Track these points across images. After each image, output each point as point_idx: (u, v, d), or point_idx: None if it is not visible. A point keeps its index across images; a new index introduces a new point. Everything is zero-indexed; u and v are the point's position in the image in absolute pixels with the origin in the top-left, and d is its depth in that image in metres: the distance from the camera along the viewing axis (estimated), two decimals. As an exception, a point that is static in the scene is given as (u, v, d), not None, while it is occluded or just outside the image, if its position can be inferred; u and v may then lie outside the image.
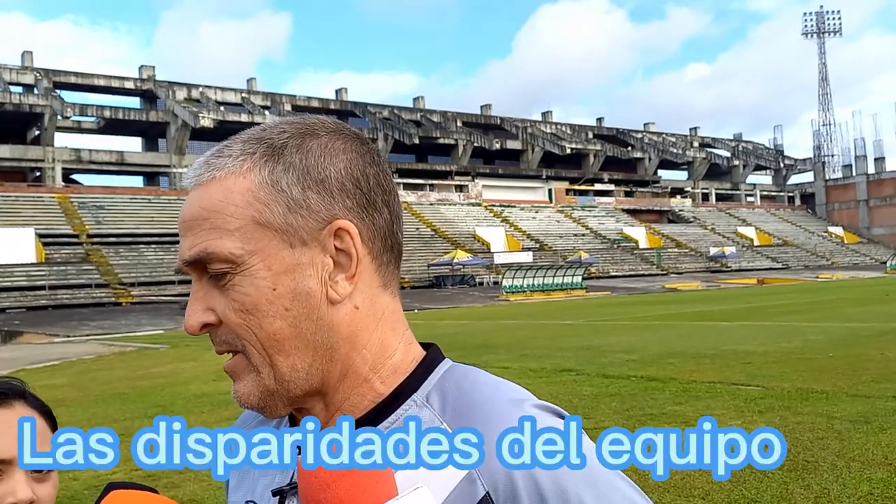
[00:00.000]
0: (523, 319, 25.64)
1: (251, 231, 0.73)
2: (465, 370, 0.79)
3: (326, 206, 0.74)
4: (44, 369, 15.74)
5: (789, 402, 8.17)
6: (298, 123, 0.78)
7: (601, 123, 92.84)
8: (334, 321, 0.74)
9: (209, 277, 0.75)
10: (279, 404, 0.76)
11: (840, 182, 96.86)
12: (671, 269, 65.55)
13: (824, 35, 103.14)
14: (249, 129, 0.80)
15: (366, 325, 0.76)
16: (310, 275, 0.74)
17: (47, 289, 41.53)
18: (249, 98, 69.11)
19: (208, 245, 0.73)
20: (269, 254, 0.73)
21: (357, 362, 0.76)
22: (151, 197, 57.62)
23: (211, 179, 0.75)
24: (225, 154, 0.76)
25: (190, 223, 0.75)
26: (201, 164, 0.77)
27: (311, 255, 0.74)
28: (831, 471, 5.53)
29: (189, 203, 0.76)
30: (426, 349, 0.83)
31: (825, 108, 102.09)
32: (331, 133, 0.78)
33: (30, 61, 60.86)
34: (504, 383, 0.77)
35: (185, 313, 0.76)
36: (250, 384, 0.75)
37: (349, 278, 0.75)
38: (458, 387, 0.76)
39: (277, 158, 0.75)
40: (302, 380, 0.75)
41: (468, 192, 74.36)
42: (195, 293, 0.76)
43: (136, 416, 9.35)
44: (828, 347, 12.92)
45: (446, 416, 0.74)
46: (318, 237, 0.74)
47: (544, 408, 0.74)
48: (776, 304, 27.27)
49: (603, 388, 9.65)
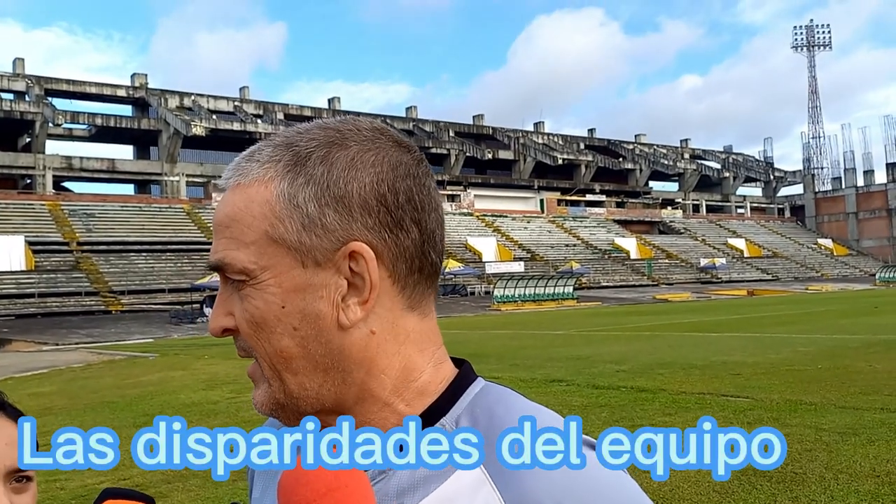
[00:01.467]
0: (514, 329, 25.64)
1: (264, 246, 0.70)
2: (498, 393, 0.75)
3: (344, 225, 0.69)
4: (32, 377, 15.65)
5: (778, 413, 8.19)
6: (331, 130, 0.73)
7: (593, 134, 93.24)
8: (345, 345, 0.71)
9: (232, 282, 0.73)
10: (291, 416, 0.74)
11: (829, 194, 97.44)
12: (662, 279, 65.73)
13: (814, 48, 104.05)
14: (288, 129, 0.75)
15: (384, 350, 0.72)
16: (321, 296, 0.70)
17: (37, 296, 41.35)
18: (242, 106, 69.12)
19: (226, 255, 0.71)
20: (281, 271, 0.70)
21: (374, 387, 0.72)
22: (142, 205, 57.47)
23: (237, 185, 0.73)
24: (255, 158, 0.73)
25: (217, 227, 0.73)
26: (233, 166, 0.75)
27: (325, 276, 0.70)
28: (819, 482, 5.55)
29: (219, 205, 0.74)
30: (459, 366, 0.78)
31: (815, 121, 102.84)
32: (363, 142, 0.72)
33: (21, 68, 60.74)
34: (539, 411, 0.73)
35: (210, 316, 0.76)
36: (263, 393, 0.74)
37: (362, 303, 0.70)
38: (490, 413, 0.72)
39: (300, 170, 0.70)
40: (312, 399, 0.72)
41: (460, 202, 74.46)
42: (220, 296, 0.75)
43: (124, 424, 9.30)
44: (817, 359, 12.97)
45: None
46: (333, 258, 0.70)
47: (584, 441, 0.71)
48: (766, 315, 27.37)
49: (593, 399, 9.66)
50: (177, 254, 50.65)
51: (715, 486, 5.57)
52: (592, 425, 8.00)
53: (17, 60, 60.79)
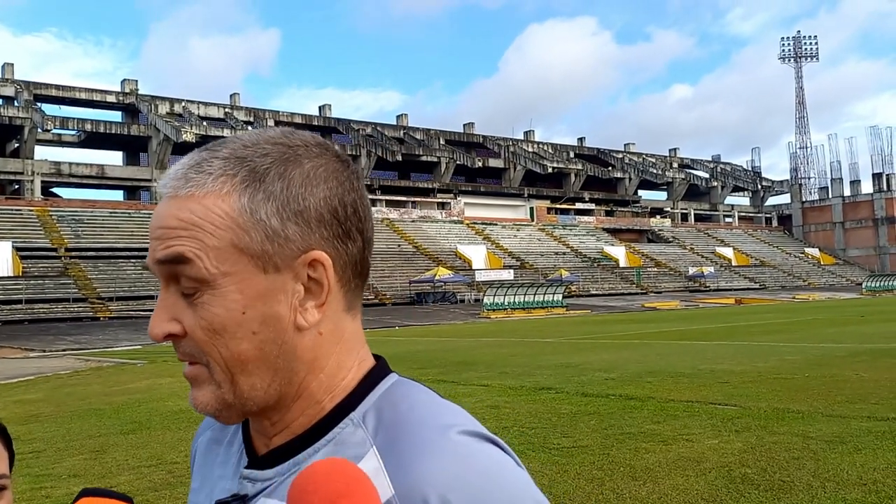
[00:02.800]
0: (504, 337, 25.64)
1: (228, 253, 0.73)
2: (406, 389, 0.80)
3: (304, 236, 0.75)
4: (19, 384, 15.53)
5: (766, 421, 8.22)
6: (282, 146, 0.77)
7: (583, 143, 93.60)
8: (298, 346, 0.76)
9: (180, 289, 0.75)
10: (234, 415, 0.78)
11: (816, 204, 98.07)
12: (650, 288, 65.92)
13: (801, 59, 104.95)
14: (229, 141, 0.78)
15: (326, 350, 0.78)
16: (280, 300, 0.75)
17: (24, 303, 41.07)
18: (232, 113, 69.03)
19: (185, 251, 0.73)
20: (243, 278, 0.74)
21: (312, 385, 0.78)
22: (132, 211, 57.24)
23: (189, 195, 0.75)
24: (205, 170, 0.75)
25: (166, 231, 0.75)
26: (179, 175, 0.76)
27: (283, 281, 0.75)
28: (807, 491, 5.57)
29: (165, 213, 0.76)
30: (378, 361, 0.84)
31: (802, 132, 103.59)
32: (314, 158, 0.77)
33: (10, 73, 60.50)
34: (440, 405, 0.77)
35: (151, 320, 0.76)
36: (209, 394, 0.77)
37: (318, 306, 0.76)
38: (393, 408, 0.77)
39: (258, 185, 0.74)
40: (259, 398, 0.76)
41: (450, 210, 74.51)
42: (163, 300, 0.76)
43: (112, 432, 9.24)
44: (804, 367, 13.03)
45: (377, 440, 0.74)
46: (292, 265, 0.75)
47: (473, 434, 0.73)
48: (753, 323, 27.48)
49: (582, 407, 9.66)
50: (165, 260, 50.41)
51: (703, 494, 5.59)
52: (581, 433, 8.01)
53: (6, 65, 60.54)
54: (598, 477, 6.17)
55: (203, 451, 0.94)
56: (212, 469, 0.89)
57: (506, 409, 9.59)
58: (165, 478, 6.69)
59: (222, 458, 0.89)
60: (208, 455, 0.92)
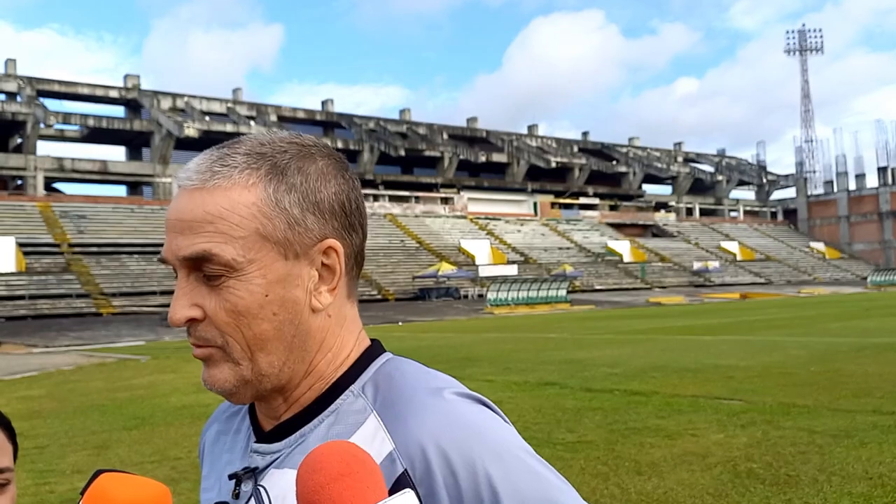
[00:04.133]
0: (507, 332, 25.62)
1: (253, 241, 0.80)
2: (398, 363, 0.88)
3: (320, 226, 0.83)
4: (22, 380, 15.54)
5: (771, 416, 8.19)
6: (298, 145, 0.86)
7: (586, 137, 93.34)
8: (312, 327, 0.84)
9: (199, 275, 0.81)
10: (248, 393, 0.84)
11: (822, 198, 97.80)
12: (655, 283, 65.82)
13: (806, 53, 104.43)
14: (245, 140, 0.86)
15: (332, 332, 0.86)
16: (297, 284, 0.83)
17: (27, 298, 41.13)
18: (235, 108, 68.96)
19: (213, 247, 0.80)
20: (266, 264, 0.81)
21: (320, 363, 0.86)
22: (134, 207, 57.25)
23: (216, 187, 0.81)
24: (229, 164, 0.83)
25: (191, 223, 0.81)
26: (204, 168, 0.83)
27: (301, 267, 0.83)
28: (812, 485, 5.54)
29: (190, 205, 0.82)
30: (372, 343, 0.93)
31: (807, 125, 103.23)
32: (325, 157, 0.86)
33: (13, 69, 60.50)
34: (430, 374, 0.86)
35: (171, 306, 0.82)
36: (227, 372, 0.83)
37: (331, 290, 0.85)
38: (388, 378, 0.85)
39: (281, 178, 0.82)
40: (275, 376, 0.83)
41: (453, 205, 74.44)
42: (182, 288, 0.82)
43: (114, 427, 9.24)
44: (809, 362, 12.99)
45: (377, 405, 0.82)
46: (309, 252, 0.83)
47: (464, 395, 0.82)
48: (758, 318, 27.42)
49: (586, 402, 9.64)
50: (169, 256, 50.39)
51: (708, 489, 5.56)
52: (586, 428, 7.98)
53: (8, 61, 60.54)
54: (602, 472, 6.14)
55: (211, 442, 1.00)
56: (220, 456, 0.96)
57: (510, 405, 9.56)
58: (169, 473, 6.68)
59: (229, 446, 0.95)
60: (216, 445, 0.98)
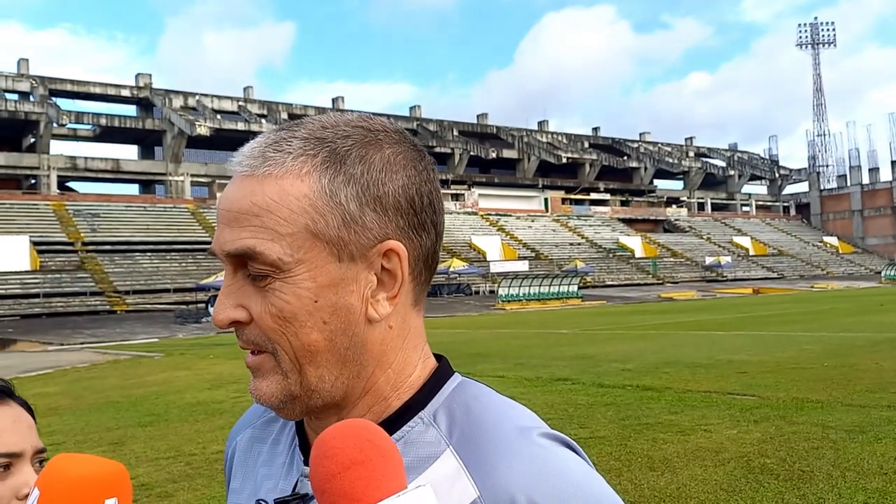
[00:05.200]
0: (518, 328, 25.61)
1: (302, 239, 0.71)
2: (475, 390, 0.78)
3: (381, 224, 0.72)
4: (37, 377, 15.66)
5: (784, 411, 8.17)
6: (364, 129, 0.75)
7: (597, 133, 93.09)
8: (368, 339, 0.74)
9: (247, 273, 0.73)
10: (297, 409, 0.75)
11: (834, 192, 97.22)
12: (667, 278, 65.61)
13: (818, 46, 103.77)
14: (307, 122, 0.76)
15: (393, 346, 0.76)
16: (352, 291, 0.72)
17: (41, 297, 41.41)
18: (246, 106, 69.15)
19: (257, 244, 0.70)
20: (317, 265, 0.71)
21: (381, 381, 0.76)
22: (147, 205, 57.54)
23: (266, 175, 0.72)
24: (284, 149, 0.73)
25: (237, 215, 0.72)
26: (257, 153, 0.73)
27: (357, 270, 0.72)
28: (827, 480, 5.52)
29: (238, 193, 0.73)
30: (438, 361, 0.82)
31: (820, 119, 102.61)
32: (394, 145, 0.75)
33: (26, 69, 60.85)
34: (514, 408, 0.76)
35: (216, 305, 0.74)
36: (274, 385, 0.74)
37: (390, 299, 0.74)
38: (466, 408, 0.75)
39: (339, 167, 0.72)
40: (326, 392, 0.74)
41: (464, 201, 74.42)
42: (228, 287, 0.74)
43: (129, 424, 9.31)
44: (822, 357, 12.93)
45: (453, 440, 0.72)
46: (367, 255, 0.72)
47: (552, 437, 0.72)
48: (771, 313, 27.30)
49: (598, 398, 9.63)
50: (181, 254, 50.71)
51: (722, 484, 5.55)
52: (598, 424, 7.98)
53: (21, 61, 60.90)
54: (616, 468, 6.14)
55: (243, 449, 0.90)
56: (254, 468, 0.86)
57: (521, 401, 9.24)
58: (184, 469, 6.72)
59: (266, 457, 0.85)
60: (250, 454, 0.88)
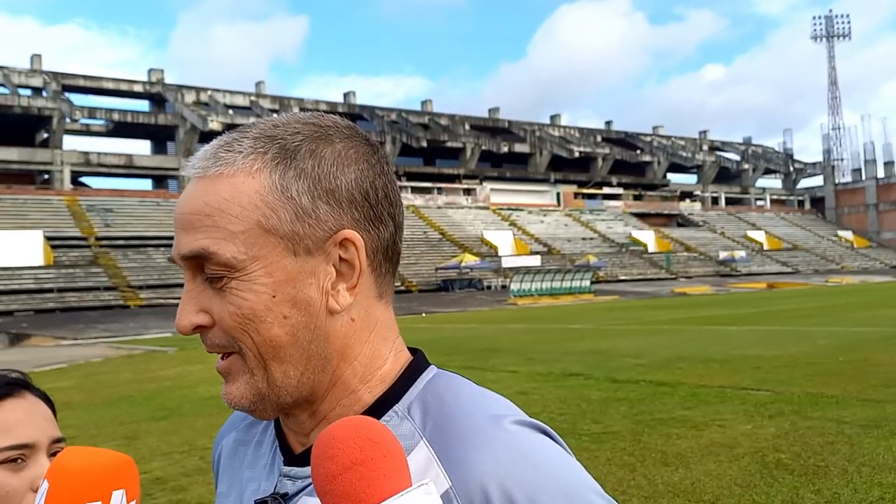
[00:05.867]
0: (531, 323, 25.58)
1: (255, 236, 0.71)
2: (447, 380, 0.77)
3: (335, 217, 0.73)
4: (51, 372, 15.77)
5: (799, 406, 8.11)
6: (313, 125, 0.76)
7: (610, 127, 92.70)
8: (330, 332, 0.74)
9: (205, 278, 0.73)
10: (269, 408, 0.75)
11: (850, 186, 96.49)
12: (680, 273, 65.35)
13: (833, 39, 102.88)
14: (259, 123, 0.77)
15: (359, 338, 0.76)
16: (310, 283, 0.72)
17: (55, 291, 41.67)
18: (258, 101, 69.30)
19: (210, 244, 0.71)
20: (272, 261, 0.71)
21: (347, 374, 0.76)
22: (160, 200, 57.79)
23: (218, 175, 0.73)
24: (235, 149, 0.74)
25: (191, 217, 0.73)
26: (209, 155, 0.74)
27: (314, 263, 0.72)
28: (842, 475, 5.48)
29: (191, 195, 0.74)
30: (414, 355, 0.81)
31: (835, 112, 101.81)
32: (345, 140, 0.76)
33: (39, 64, 61.14)
34: (487, 396, 0.75)
35: (178, 312, 0.74)
36: (243, 386, 0.74)
37: (350, 289, 0.74)
38: (439, 399, 0.74)
39: (289, 162, 0.72)
40: (293, 387, 0.74)
41: (476, 196, 74.34)
42: (188, 292, 0.74)
43: (142, 418, 9.35)
44: (837, 352, 12.84)
45: (426, 431, 0.72)
46: (324, 247, 0.72)
47: (525, 424, 0.71)
48: (785, 308, 27.14)
49: (611, 393, 9.59)
50: (194, 248, 50.87)
51: (737, 480, 5.51)
52: (611, 419, 7.94)
53: (34, 57, 61.18)
54: (629, 463, 6.11)
55: (228, 453, 0.90)
56: (239, 471, 0.86)
57: (534, 396, 9.54)
58: (197, 463, 6.74)
59: (250, 460, 0.85)
60: (234, 457, 0.88)
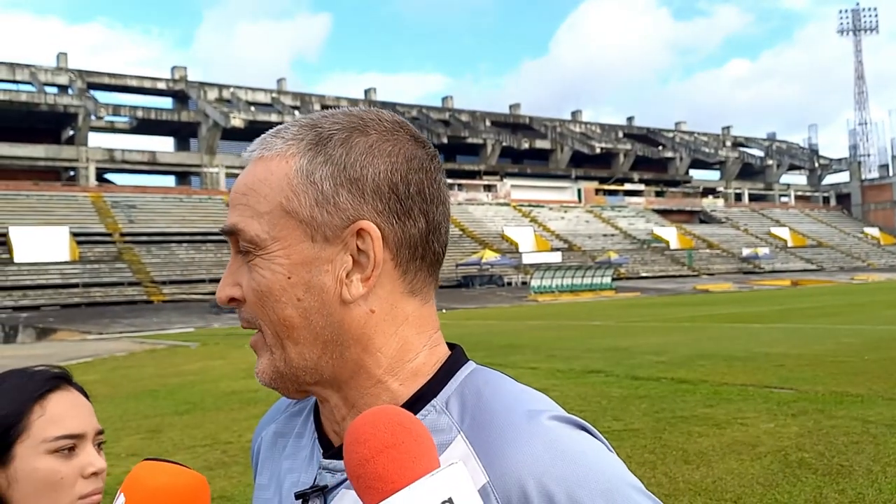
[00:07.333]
0: (551, 320, 25.53)
1: (278, 217, 0.74)
2: (486, 375, 0.78)
3: (355, 205, 0.74)
4: (76, 366, 15.96)
5: (823, 405, 8.03)
6: (354, 116, 0.78)
7: (631, 123, 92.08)
8: (345, 320, 0.75)
9: (242, 253, 0.77)
10: (290, 387, 0.78)
11: (876, 182, 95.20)
12: (703, 270, 64.87)
13: (860, 33, 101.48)
14: (313, 114, 0.80)
15: (382, 330, 0.76)
16: (326, 270, 0.74)
17: (81, 286, 42.13)
18: (279, 98, 69.61)
19: (239, 221, 0.76)
20: (290, 243, 0.74)
21: (369, 364, 0.76)
22: (183, 196, 58.24)
23: (260, 158, 0.77)
24: (280, 135, 0.78)
25: (234, 195, 0.78)
26: (260, 140, 0.79)
27: (332, 251, 0.74)
28: (866, 475, 5.42)
29: (240, 176, 0.79)
30: (452, 350, 0.82)
31: (861, 108, 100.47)
32: (383, 132, 0.77)
33: (64, 62, 61.80)
34: (525, 392, 0.75)
35: (220, 284, 0.79)
36: (265, 362, 0.77)
37: (364, 280, 0.74)
38: (477, 394, 0.75)
39: (320, 149, 0.75)
40: (310, 369, 0.76)
41: (496, 192, 74.21)
42: (230, 266, 0.78)
43: (166, 412, 9.45)
44: (862, 350, 12.69)
45: (464, 426, 0.73)
46: (342, 235, 0.74)
47: (563, 419, 0.72)
48: (810, 306, 26.87)
49: (632, 390, 9.56)
50: (217, 244, 51.26)
51: (759, 479, 5.48)
52: (632, 416, 7.92)
53: (60, 55, 61.81)
54: (650, 461, 6.09)
55: (268, 444, 0.91)
56: (279, 462, 0.87)
57: (554, 393, 9.52)
58: (220, 457, 6.81)
59: (290, 451, 0.86)
60: (274, 448, 0.89)
